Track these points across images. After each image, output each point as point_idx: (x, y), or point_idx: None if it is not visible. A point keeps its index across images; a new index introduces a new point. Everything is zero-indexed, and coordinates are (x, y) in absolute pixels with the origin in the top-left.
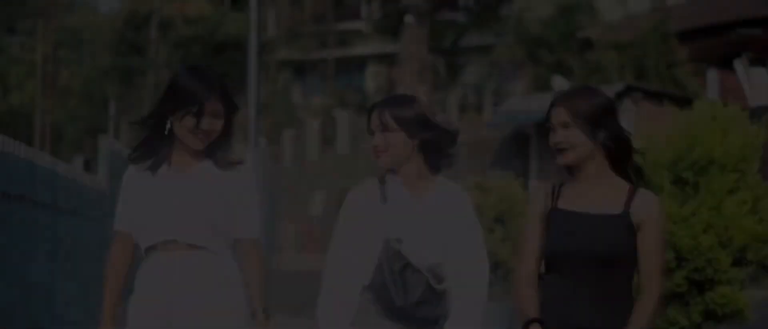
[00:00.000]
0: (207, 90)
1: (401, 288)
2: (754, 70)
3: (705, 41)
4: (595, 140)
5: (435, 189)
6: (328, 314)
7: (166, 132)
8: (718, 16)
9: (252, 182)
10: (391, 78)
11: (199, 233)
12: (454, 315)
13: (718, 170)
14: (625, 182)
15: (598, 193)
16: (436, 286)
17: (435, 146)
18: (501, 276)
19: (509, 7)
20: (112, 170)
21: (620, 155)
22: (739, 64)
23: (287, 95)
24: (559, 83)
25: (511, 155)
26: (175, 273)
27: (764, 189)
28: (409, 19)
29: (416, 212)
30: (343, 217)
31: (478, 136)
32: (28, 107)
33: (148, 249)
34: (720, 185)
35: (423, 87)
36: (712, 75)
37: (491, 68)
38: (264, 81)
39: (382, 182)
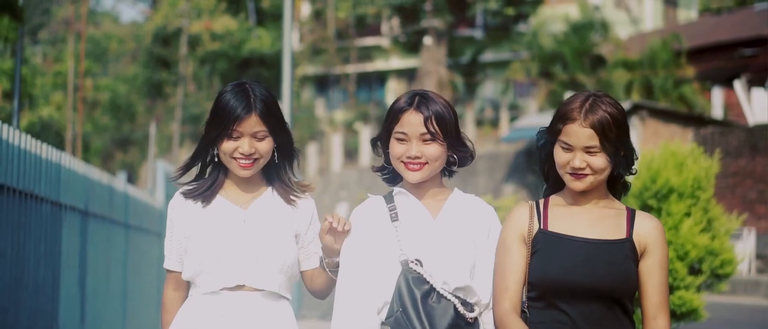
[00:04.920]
0: (243, 108)
1: (425, 317)
2: (754, 90)
3: (711, 60)
4: (613, 163)
5: (454, 202)
6: None
7: (214, 158)
8: (722, 36)
9: (315, 212)
10: None
11: (270, 277)
12: None
13: (676, 197)
14: (620, 203)
15: (595, 215)
16: (466, 313)
17: (458, 163)
18: None
19: (525, 24)
20: (167, 192)
21: (621, 174)
22: (738, 85)
23: (311, 109)
24: None
25: (524, 169)
26: (243, 317)
27: (717, 212)
28: (427, 40)
29: (436, 229)
30: (350, 243)
31: (494, 150)
32: (56, 118)
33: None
34: (677, 209)
35: None
36: (717, 93)
37: (507, 84)
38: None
39: (390, 200)
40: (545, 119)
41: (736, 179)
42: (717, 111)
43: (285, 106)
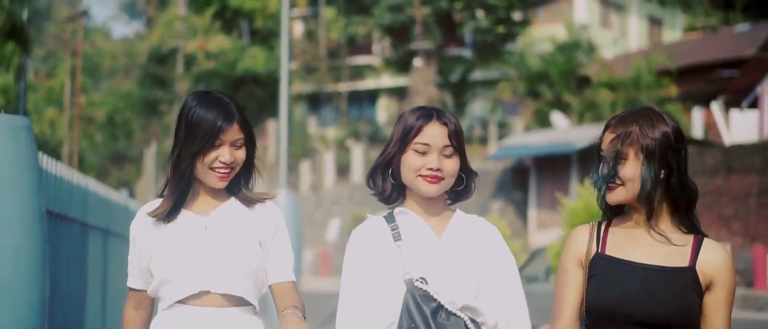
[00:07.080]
0: (225, 118)
1: None
2: (731, 111)
3: (692, 81)
4: (654, 178)
5: (458, 222)
6: None
7: (185, 174)
8: (702, 57)
9: (282, 220)
10: (401, 111)
11: (235, 282)
12: None
13: None
14: (687, 230)
15: (657, 240)
16: None
17: (465, 187)
18: None
19: (513, 43)
20: None
21: (681, 201)
22: (715, 106)
23: (303, 126)
24: (558, 119)
25: (511, 186)
26: (210, 326)
27: None
28: (417, 61)
29: (441, 249)
30: (351, 264)
31: (482, 167)
32: (49, 135)
33: (174, 303)
34: None
35: None
36: (697, 113)
37: (495, 103)
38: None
39: (391, 220)
40: (532, 138)
41: (713, 197)
42: (697, 131)
43: (282, 124)
